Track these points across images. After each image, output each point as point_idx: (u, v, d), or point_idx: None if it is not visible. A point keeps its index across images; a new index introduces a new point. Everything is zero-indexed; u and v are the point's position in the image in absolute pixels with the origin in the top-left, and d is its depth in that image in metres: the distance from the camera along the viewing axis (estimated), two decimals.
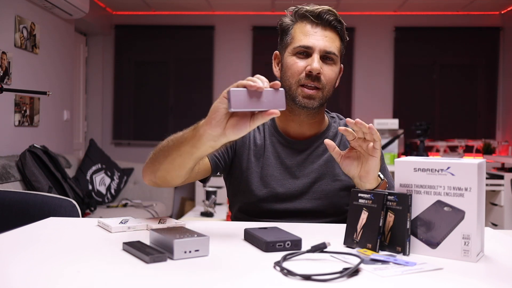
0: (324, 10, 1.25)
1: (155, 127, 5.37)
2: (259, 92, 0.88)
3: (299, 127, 1.32)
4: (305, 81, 1.24)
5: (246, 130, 0.91)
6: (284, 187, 1.29)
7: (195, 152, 1.00)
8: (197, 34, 5.38)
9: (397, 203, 0.88)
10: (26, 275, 0.72)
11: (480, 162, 0.85)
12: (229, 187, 1.40)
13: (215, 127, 0.91)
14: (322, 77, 1.24)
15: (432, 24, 5.28)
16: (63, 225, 1.14)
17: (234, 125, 0.91)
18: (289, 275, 0.72)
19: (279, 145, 1.33)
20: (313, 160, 1.31)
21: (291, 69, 1.26)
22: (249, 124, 0.91)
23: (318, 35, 1.24)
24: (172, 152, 1.05)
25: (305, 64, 1.24)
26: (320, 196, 1.29)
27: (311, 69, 1.22)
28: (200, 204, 4.07)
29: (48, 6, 3.66)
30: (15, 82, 3.29)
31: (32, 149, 3.07)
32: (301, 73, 1.24)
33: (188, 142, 1.00)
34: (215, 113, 0.91)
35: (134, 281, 0.71)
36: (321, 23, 1.25)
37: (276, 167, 1.31)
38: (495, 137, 5.24)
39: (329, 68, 1.25)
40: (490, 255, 0.88)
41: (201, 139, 0.95)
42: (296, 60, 1.25)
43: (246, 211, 1.33)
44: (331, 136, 1.35)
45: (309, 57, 1.24)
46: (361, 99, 5.29)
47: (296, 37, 1.26)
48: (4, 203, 2.09)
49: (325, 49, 1.24)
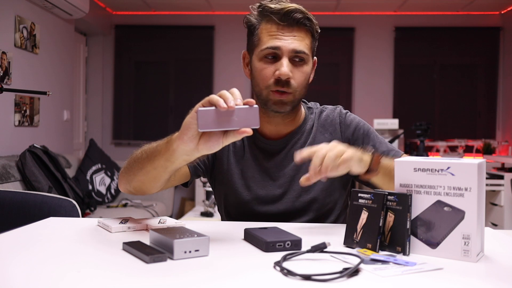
0: (291, 9, 1.17)
1: (155, 127, 5.37)
2: (230, 112, 0.86)
3: (275, 127, 1.28)
4: (274, 87, 1.19)
5: (218, 146, 0.91)
6: (264, 189, 1.27)
7: (169, 166, 1.00)
8: (197, 34, 5.38)
9: (397, 203, 0.88)
10: (26, 275, 0.72)
11: (480, 162, 0.85)
12: (214, 191, 1.38)
13: (188, 142, 0.91)
14: (292, 81, 1.18)
15: (432, 24, 5.28)
16: (63, 225, 1.14)
17: (207, 141, 0.91)
18: (289, 275, 0.72)
19: (256, 147, 1.30)
20: (291, 158, 1.27)
21: (260, 75, 1.20)
22: (221, 141, 0.90)
23: (286, 36, 1.18)
24: (146, 165, 1.05)
25: (273, 68, 1.18)
26: (301, 193, 1.26)
27: (280, 75, 1.16)
28: (200, 204, 4.07)
29: (48, 6, 3.66)
30: (15, 82, 3.29)
31: (32, 149, 3.07)
32: (270, 79, 1.19)
33: (162, 156, 0.99)
34: (187, 129, 0.90)
35: (134, 281, 0.71)
36: (288, 23, 1.17)
37: (255, 169, 1.28)
38: (495, 137, 5.24)
39: (300, 70, 1.20)
40: (490, 255, 0.88)
41: (174, 154, 0.95)
42: (264, 65, 1.20)
43: (231, 214, 1.32)
44: (307, 129, 1.30)
45: (277, 61, 1.18)
46: (361, 99, 5.29)
47: (263, 38, 1.20)
48: (4, 203, 2.09)
49: (294, 49, 1.17)
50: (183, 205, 5.16)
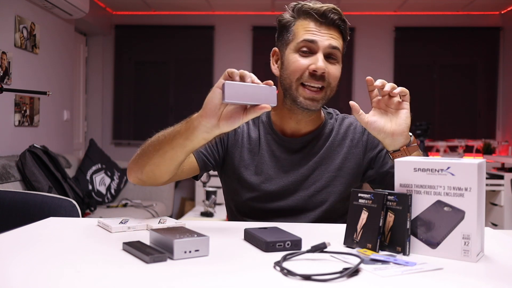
0: (329, 9, 1.20)
1: (155, 127, 5.24)
2: (252, 87, 0.91)
3: (296, 125, 1.29)
4: (308, 80, 1.19)
5: (239, 122, 0.94)
6: (277, 185, 1.28)
7: (188, 145, 1.01)
8: (197, 34, 5.38)
9: (397, 203, 0.88)
10: (26, 275, 0.72)
11: (480, 162, 0.85)
12: (224, 186, 1.38)
13: (210, 117, 0.93)
14: (327, 76, 1.20)
15: (432, 24, 5.27)
16: (63, 225, 1.14)
17: (228, 117, 0.93)
18: (289, 275, 0.72)
19: (274, 143, 1.30)
20: (309, 158, 1.29)
21: (293, 66, 1.20)
22: (242, 117, 0.93)
23: (323, 33, 1.20)
24: (164, 145, 1.06)
25: (308, 62, 1.19)
26: (313, 193, 1.27)
27: (316, 68, 1.17)
28: (200, 204, 4.07)
29: (48, 6, 3.66)
30: (15, 82, 3.29)
31: (32, 149, 3.07)
32: (304, 72, 1.19)
33: (181, 135, 1.00)
34: (210, 103, 0.93)
35: (134, 281, 0.70)
36: (325, 22, 1.20)
37: (270, 166, 1.29)
38: (495, 137, 5.24)
39: (334, 66, 1.22)
40: (490, 255, 0.88)
41: (195, 131, 0.96)
42: (298, 57, 1.20)
43: (240, 209, 1.32)
44: (326, 133, 1.32)
45: (312, 55, 1.20)
46: (361, 99, 5.29)
47: (299, 33, 1.21)
48: (4, 203, 2.09)
49: (330, 45, 1.19)
50: (183, 205, 5.16)
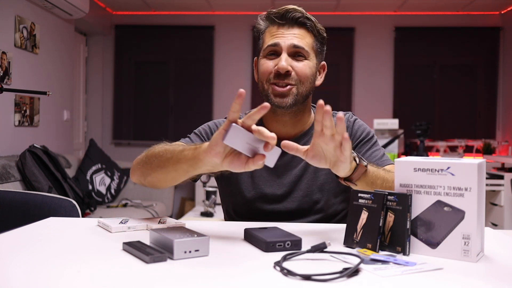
0: (289, 9, 1.26)
1: (155, 127, 5.37)
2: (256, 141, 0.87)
3: (283, 127, 1.31)
4: (274, 80, 1.24)
5: (240, 170, 0.91)
6: (271, 188, 1.30)
7: (192, 172, 1.02)
8: (197, 34, 5.38)
9: (397, 203, 0.88)
10: (26, 275, 0.72)
11: (480, 162, 0.85)
12: (220, 188, 1.40)
13: (214, 156, 0.91)
14: (294, 74, 1.24)
15: (432, 24, 5.27)
16: (63, 225, 1.14)
17: (231, 162, 0.91)
18: (289, 275, 0.72)
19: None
20: (299, 159, 1.28)
21: (261, 69, 1.28)
22: (244, 166, 0.91)
23: (285, 34, 1.25)
24: (168, 165, 1.06)
25: (273, 64, 1.25)
26: (307, 193, 1.28)
27: (278, 68, 1.23)
28: (200, 204, 4.07)
29: (48, 6, 3.66)
30: (15, 82, 3.29)
31: (32, 149, 3.07)
32: (270, 73, 1.25)
33: (186, 161, 1.00)
34: (215, 145, 0.90)
35: (134, 281, 0.71)
36: (286, 23, 1.26)
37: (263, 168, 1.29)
38: (495, 137, 5.24)
39: (301, 63, 1.25)
40: (490, 255, 0.88)
41: (200, 163, 0.96)
42: (266, 61, 1.27)
43: (237, 212, 1.34)
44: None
45: (278, 57, 1.26)
46: (361, 99, 5.29)
47: (265, 39, 1.29)
48: (4, 203, 2.09)
49: (292, 44, 1.24)
50: (183, 205, 5.16)
